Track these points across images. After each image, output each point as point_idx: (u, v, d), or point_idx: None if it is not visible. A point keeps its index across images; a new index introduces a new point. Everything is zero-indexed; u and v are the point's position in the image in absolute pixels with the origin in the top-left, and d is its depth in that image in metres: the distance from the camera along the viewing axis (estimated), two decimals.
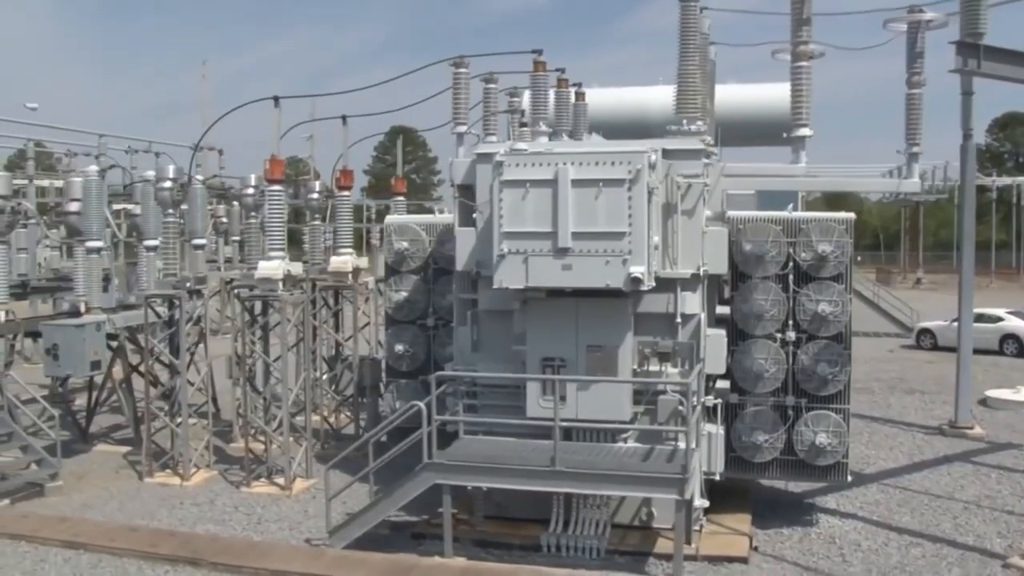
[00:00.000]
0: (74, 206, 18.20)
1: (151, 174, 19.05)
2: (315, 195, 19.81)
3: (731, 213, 13.85)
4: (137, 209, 20.01)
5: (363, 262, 18.13)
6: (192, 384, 16.93)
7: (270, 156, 15.51)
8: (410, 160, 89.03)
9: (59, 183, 32.02)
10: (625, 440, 13.25)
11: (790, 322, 13.65)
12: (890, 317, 38.07)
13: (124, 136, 25.69)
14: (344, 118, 17.67)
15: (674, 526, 12.04)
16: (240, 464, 17.19)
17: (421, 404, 12.52)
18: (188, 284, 16.14)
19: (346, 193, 17.80)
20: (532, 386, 13.06)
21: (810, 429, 13.66)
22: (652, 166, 12.32)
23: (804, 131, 14.03)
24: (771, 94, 19.70)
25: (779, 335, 13.71)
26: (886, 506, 15.00)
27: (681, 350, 13.13)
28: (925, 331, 33.00)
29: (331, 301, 18.71)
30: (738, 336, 13.80)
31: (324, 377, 19.29)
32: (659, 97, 20.60)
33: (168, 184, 16.20)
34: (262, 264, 15.45)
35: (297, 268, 15.94)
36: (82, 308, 18.16)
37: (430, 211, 40.65)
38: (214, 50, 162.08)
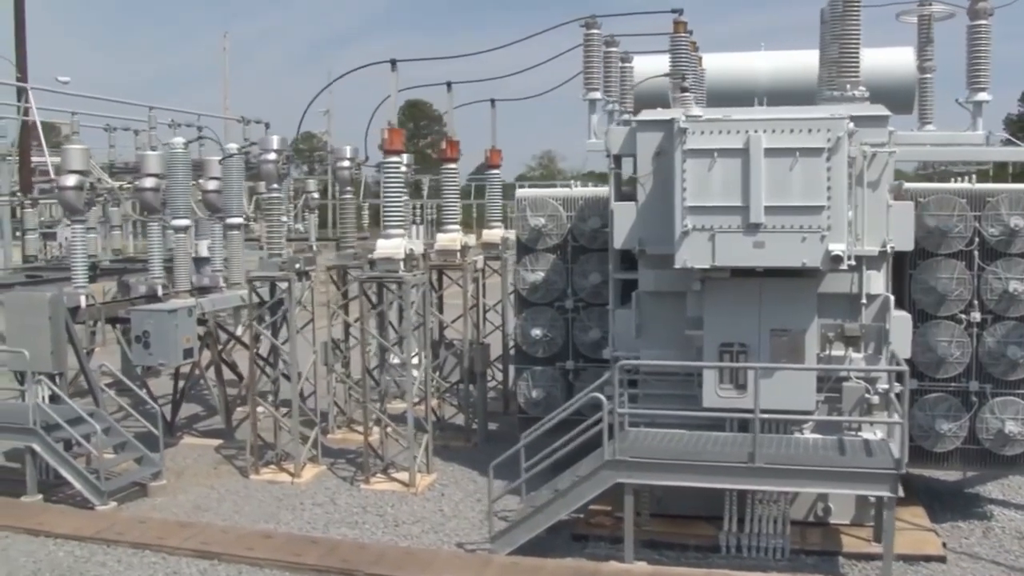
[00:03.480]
0: (149, 182, 16.81)
1: (233, 146, 17.85)
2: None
3: (908, 185, 12.88)
4: (209, 184, 18.74)
5: (471, 239, 16.96)
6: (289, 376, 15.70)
7: (388, 124, 14.33)
8: (425, 135, 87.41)
9: None
10: (801, 431, 12.30)
11: (974, 302, 12.75)
12: None
13: (168, 108, 24.11)
14: (449, 84, 16.47)
15: (882, 525, 11.12)
16: (345, 458, 16.15)
17: (600, 395, 11.50)
18: (298, 265, 14.95)
19: (452, 165, 16.59)
20: (709, 374, 12.05)
21: (996, 416, 12.76)
22: (851, 134, 11.30)
23: (983, 96, 13.18)
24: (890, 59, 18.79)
25: (963, 316, 12.79)
26: None
27: (869, 333, 12.16)
28: None
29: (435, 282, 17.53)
30: (916, 317, 12.82)
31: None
32: (767, 64, 19.58)
33: (273, 156, 14.90)
34: (381, 243, 14.26)
35: (419, 246, 14.79)
36: (159, 291, 17.00)
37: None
38: (206, 23, 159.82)
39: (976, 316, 12.72)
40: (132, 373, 17.86)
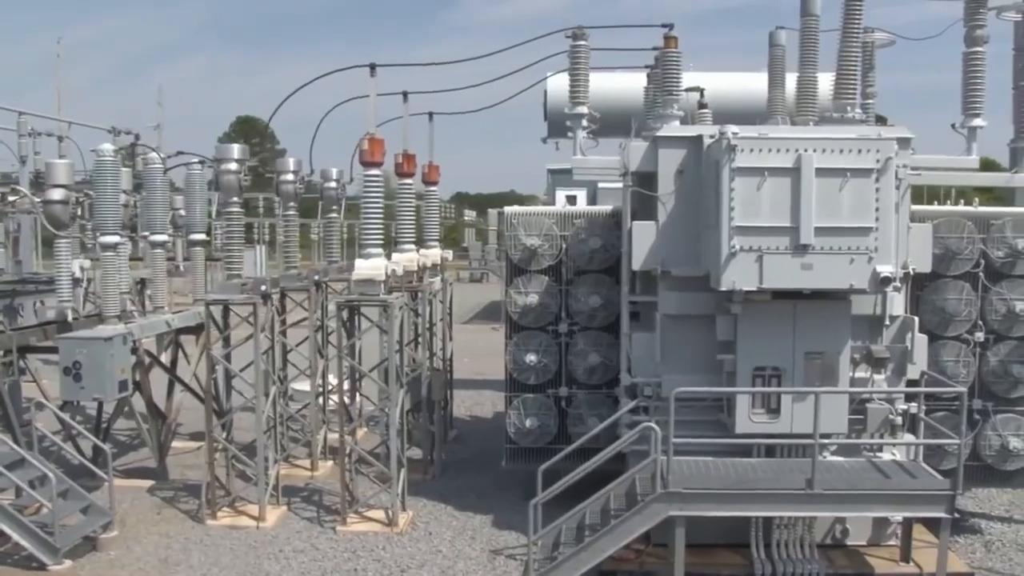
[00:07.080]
0: (57, 194, 14.89)
1: (155, 156, 16.18)
2: (333, 183, 17.38)
3: (914, 208, 12.97)
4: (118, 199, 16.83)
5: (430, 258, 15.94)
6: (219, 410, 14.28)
7: (367, 135, 13.21)
8: (256, 152, 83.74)
9: None
10: (823, 454, 12.11)
11: (979, 322, 12.97)
12: None
13: (37, 114, 21.49)
14: (405, 94, 15.43)
15: (939, 545, 11.05)
16: (299, 496, 14.85)
17: (654, 426, 10.92)
18: (264, 287, 13.56)
19: (408, 181, 15.53)
20: (742, 400, 11.66)
21: (998, 433, 13.03)
22: (897, 155, 11.20)
23: (978, 121, 13.45)
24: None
25: (968, 336, 12.99)
26: None
27: (895, 354, 12.10)
28: None
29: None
30: None
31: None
32: (704, 85, 19.59)
33: (234, 167, 13.43)
34: (360, 263, 13.13)
35: (399, 267, 13.71)
36: (68, 316, 15.18)
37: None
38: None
39: (980, 336, 12.95)
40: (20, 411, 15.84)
